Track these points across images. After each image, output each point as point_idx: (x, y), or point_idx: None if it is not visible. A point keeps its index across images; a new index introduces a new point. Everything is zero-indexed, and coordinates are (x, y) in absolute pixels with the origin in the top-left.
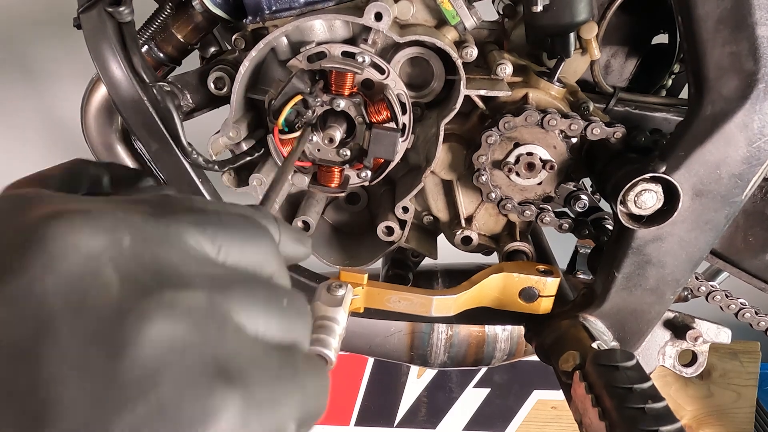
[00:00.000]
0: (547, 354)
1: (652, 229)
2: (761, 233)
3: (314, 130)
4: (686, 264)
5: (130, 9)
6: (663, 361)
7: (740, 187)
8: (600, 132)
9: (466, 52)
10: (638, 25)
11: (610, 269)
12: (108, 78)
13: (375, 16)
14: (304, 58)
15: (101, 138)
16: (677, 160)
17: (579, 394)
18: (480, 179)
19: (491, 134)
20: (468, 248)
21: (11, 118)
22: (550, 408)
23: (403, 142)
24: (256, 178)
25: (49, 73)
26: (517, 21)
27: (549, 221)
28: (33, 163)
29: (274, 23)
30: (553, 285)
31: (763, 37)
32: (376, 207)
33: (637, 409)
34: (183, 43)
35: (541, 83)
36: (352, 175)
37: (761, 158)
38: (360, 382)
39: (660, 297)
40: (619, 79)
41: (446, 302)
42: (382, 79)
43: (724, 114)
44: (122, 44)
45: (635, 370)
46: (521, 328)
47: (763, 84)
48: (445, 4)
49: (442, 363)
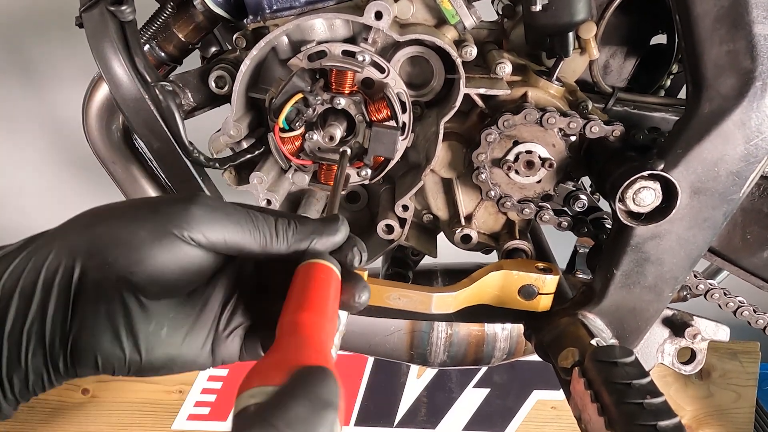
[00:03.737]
0: (546, 351)
1: (651, 227)
2: (759, 231)
3: (315, 129)
4: (685, 261)
5: (131, 8)
6: (662, 358)
7: (738, 184)
8: (599, 130)
9: (465, 51)
10: (637, 26)
11: (608, 267)
12: (110, 77)
13: (375, 15)
14: (304, 57)
15: (103, 136)
16: (675, 158)
17: (578, 390)
18: (479, 177)
19: (491, 132)
20: (467, 246)
21: (12, 117)
22: (550, 408)
23: (403, 141)
24: (256, 176)
25: (50, 72)
26: (516, 21)
27: (548, 219)
28: (33, 162)
29: (274, 22)
30: (552, 282)
31: (760, 36)
32: (376, 205)
33: (636, 405)
34: (184, 42)
35: (540, 82)
36: (352, 174)
37: (759, 156)
38: (360, 382)
39: (658, 294)
40: (618, 79)
41: (446, 299)
42: (382, 77)
43: (722, 112)
44: (124, 43)
45: (634, 366)
46: (521, 327)
47: (761, 82)
48: (445, 4)
49: (441, 362)
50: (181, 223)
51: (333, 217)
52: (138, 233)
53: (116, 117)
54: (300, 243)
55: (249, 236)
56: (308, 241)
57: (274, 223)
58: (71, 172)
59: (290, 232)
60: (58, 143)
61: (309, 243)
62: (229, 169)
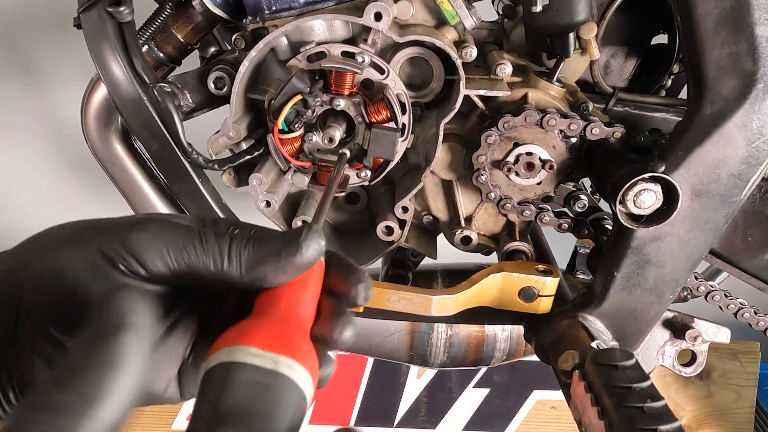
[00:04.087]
0: (546, 353)
1: (651, 229)
2: (760, 233)
3: (314, 130)
4: (685, 264)
5: (130, 9)
6: (662, 360)
7: (739, 186)
8: (599, 132)
9: (465, 52)
10: (637, 26)
11: (609, 269)
12: (108, 78)
13: (375, 16)
14: (303, 58)
15: (101, 137)
16: (676, 160)
17: (578, 393)
18: (479, 179)
19: (491, 134)
20: (467, 248)
21: (12, 117)
22: (550, 408)
23: (403, 142)
24: (255, 177)
25: (50, 72)
26: (516, 21)
27: (548, 221)
28: (33, 162)
29: (273, 23)
30: (553, 285)
31: (761, 37)
32: (376, 207)
33: (636, 408)
34: (183, 43)
35: (540, 83)
36: (351, 175)
37: (760, 158)
38: (360, 382)
39: (659, 297)
40: (619, 80)
41: (446, 302)
42: (381, 79)
43: (723, 114)
44: (122, 44)
45: (634, 369)
46: (521, 328)
47: (762, 84)
48: (445, 4)
49: (441, 363)
50: (113, 255)
51: (294, 232)
52: (63, 268)
53: (115, 118)
54: (254, 270)
55: (199, 263)
56: (264, 267)
57: (228, 245)
58: (71, 172)
59: (245, 254)
60: (58, 143)
61: (264, 270)
62: (228, 170)
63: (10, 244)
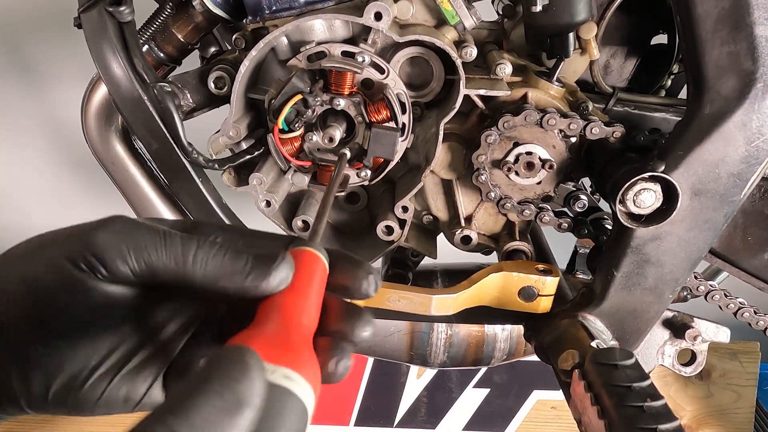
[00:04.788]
0: (546, 353)
1: (651, 229)
2: (760, 232)
3: (314, 130)
4: (685, 263)
5: (130, 9)
6: (662, 360)
7: (739, 186)
8: (599, 131)
9: (465, 52)
10: (637, 26)
11: (609, 268)
12: (108, 77)
13: (375, 16)
14: (304, 58)
15: (101, 137)
16: (676, 160)
17: (578, 392)
18: (479, 178)
19: (491, 134)
20: (467, 248)
21: (12, 117)
22: (550, 408)
23: (403, 142)
24: (255, 177)
25: (50, 72)
26: (516, 21)
27: (548, 220)
28: (33, 162)
29: (274, 23)
30: (553, 284)
31: (761, 37)
32: (376, 206)
33: (636, 408)
34: (183, 42)
35: (540, 83)
36: (351, 175)
37: (760, 157)
38: (360, 382)
39: (659, 296)
40: (619, 79)
41: (446, 301)
42: (381, 78)
43: (723, 113)
44: (123, 44)
45: (634, 368)
46: (521, 327)
47: (762, 83)
48: (445, 4)
49: (441, 363)
50: (75, 256)
51: (267, 257)
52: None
53: (115, 118)
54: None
55: (159, 264)
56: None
57: (193, 251)
58: (71, 172)
59: (210, 265)
60: (58, 143)
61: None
62: (228, 170)
63: (10, 244)
